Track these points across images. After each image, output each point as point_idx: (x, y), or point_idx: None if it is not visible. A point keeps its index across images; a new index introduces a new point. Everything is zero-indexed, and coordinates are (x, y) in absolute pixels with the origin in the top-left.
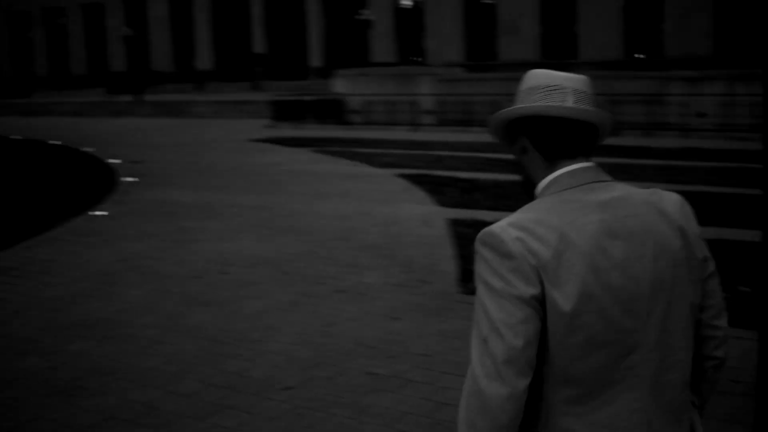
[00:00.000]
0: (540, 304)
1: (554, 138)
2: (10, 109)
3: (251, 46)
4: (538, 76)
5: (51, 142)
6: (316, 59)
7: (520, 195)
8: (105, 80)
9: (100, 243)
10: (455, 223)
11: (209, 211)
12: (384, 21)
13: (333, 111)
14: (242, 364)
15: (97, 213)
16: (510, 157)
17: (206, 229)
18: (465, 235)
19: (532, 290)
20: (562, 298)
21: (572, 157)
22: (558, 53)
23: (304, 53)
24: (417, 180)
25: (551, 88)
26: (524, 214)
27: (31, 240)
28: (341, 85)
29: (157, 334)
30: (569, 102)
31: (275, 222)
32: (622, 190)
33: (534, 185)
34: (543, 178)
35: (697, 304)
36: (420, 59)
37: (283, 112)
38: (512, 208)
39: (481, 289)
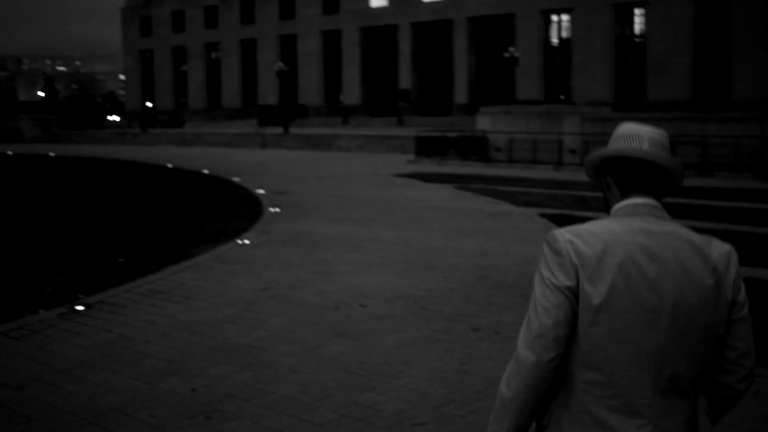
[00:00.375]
0: (574, 295)
1: (629, 175)
2: (165, 138)
3: (398, 82)
4: (623, 127)
5: (203, 171)
6: (461, 96)
7: None
8: (256, 112)
9: (244, 271)
10: None
11: (350, 243)
12: (530, 58)
13: (476, 148)
14: (376, 397)
15: (243, 241)
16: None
17: (346, 262)
18: None
19: (568, 282)
20: (594, 293)
21: (643, 194)
22: (710, 92)
23: (450, 90)
24: (559, 220)
25: (632, 136)
26: (584, 226)
27: (179, 265)
28: (485, 122)
29: (295, 363)
30: (645, 146)
31: (414, 257)
32: (673, 227)
33: None
34: None
35: (719, 336)
36: (566, 97)
37: (426, 147)
38: None
39: (536, 277)
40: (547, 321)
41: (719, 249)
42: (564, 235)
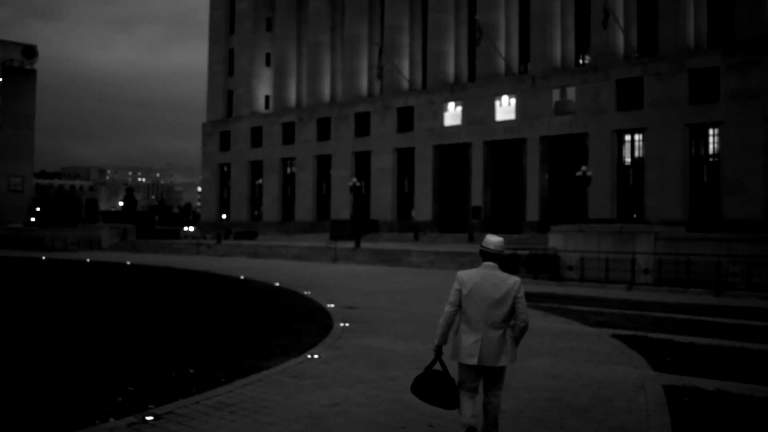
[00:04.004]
0: (460, 291)
1: (485, 256)
2: (239, 249)
3: (469, 199)
4: (485, 238)
5: (274, 284)
6: (532, 213)
7: (728, 357)
8: (328, 227)
9: (313, 386)
10: (672, 390)
11: (418, 361)
12: (603, 177)
13: (547, 266)
14: None
15: (312, 356)
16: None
17: None
18: (682, 405)
19: (458, 287)
20: (465, 291)
21: (491, 261)
22: None
23: (521, 207)
24: (632, 342)
25: (487, 242)
26: (468, 269)
27: (248, 378)
28: (557, 241)
29: None
30: (491, 247)
31: None
32: (498, 272)
33: None
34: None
35: (511, 306)
36: (639, 216)
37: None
38: (735, 378)
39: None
40: (452, 299)
41: (512, 279)
42: (460, 273)
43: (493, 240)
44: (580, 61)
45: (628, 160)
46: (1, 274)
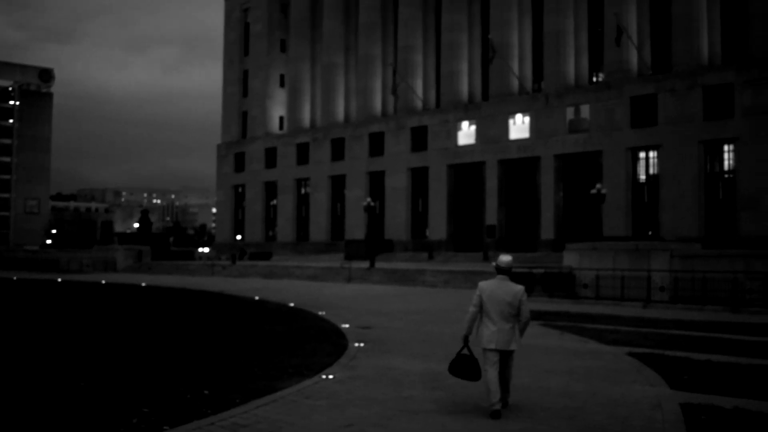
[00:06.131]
0: (480, 297)
1: (499, 270)
2: (253, 270)
3: (484, 218)
4: (498, 257)
5: (289, 304)
6: (547, 231)
7: (746, 375)
8: (343, 247)
9: (328, 407)
10: (689, 408)
11: (434, 381)
12: (617, 194)
13: (562, 284)
14: None
15: (327, 376)
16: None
17: (431, 399)
18: (700, 423)
19: (479, 293)
20: (485, 296)
21: (503, 275)
22: None
23: (536, 225)
24: (648, 360)
25: (499, 260)
26: (485, 280)
27: (263, 398)
28: (572, 259)
29: None
30: (503, 264)
31: None
32: (508, 282)
33: None
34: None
35: (517, 307)
36: (654, 233)
37: None
38: (754, 396)
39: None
40: (474, 302)
41: (518, 287)
42: (480, 283)
43: (504, 259)
44: (594, 79)
45: (642, 177)
46: (19, 297)
